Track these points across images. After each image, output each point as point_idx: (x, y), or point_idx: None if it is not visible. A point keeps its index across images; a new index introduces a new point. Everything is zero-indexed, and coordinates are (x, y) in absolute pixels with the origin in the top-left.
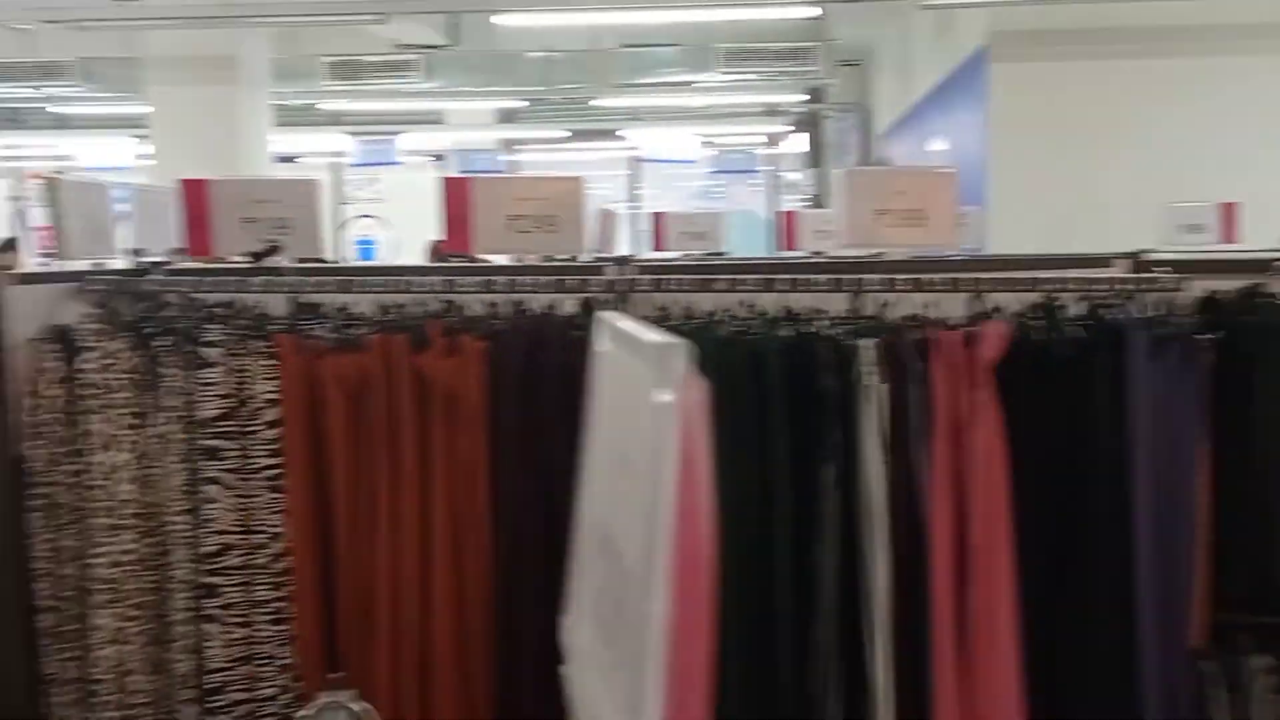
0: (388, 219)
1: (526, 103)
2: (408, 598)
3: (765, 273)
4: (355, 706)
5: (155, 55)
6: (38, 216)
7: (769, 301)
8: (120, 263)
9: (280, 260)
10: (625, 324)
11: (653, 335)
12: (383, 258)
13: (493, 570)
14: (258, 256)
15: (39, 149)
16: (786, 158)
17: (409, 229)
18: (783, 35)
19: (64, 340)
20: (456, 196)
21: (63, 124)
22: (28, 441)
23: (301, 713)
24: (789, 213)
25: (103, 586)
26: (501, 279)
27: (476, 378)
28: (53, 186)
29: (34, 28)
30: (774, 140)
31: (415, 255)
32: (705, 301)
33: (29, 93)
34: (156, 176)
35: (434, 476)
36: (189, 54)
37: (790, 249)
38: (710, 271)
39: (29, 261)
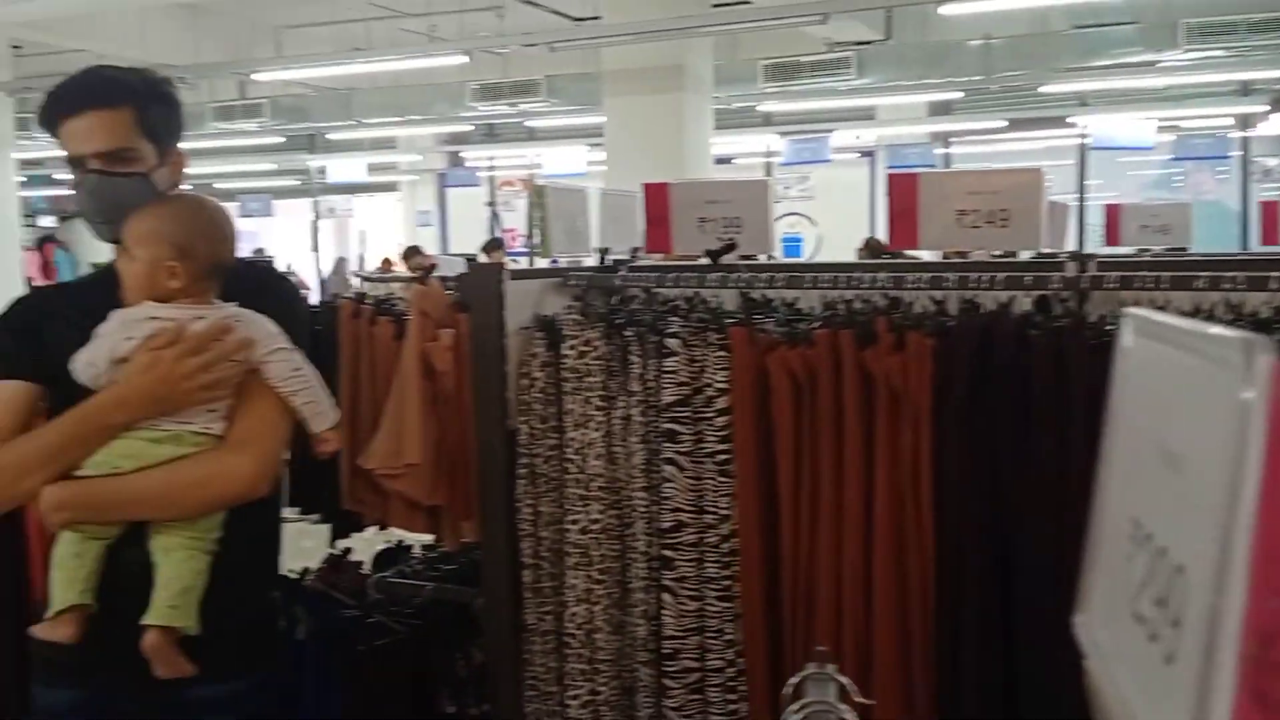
0: (814, 217)
1: (962, 94)
2: (849, 586)
3: (1255, 269)
4: (841, 679)
5: (610, 69)
6: (508, 220)
7: (1257, 301)
8: (592, 259)
9: (732, 257)
10: (1168, 319)
11: (1218, 330)
12: (808, 255)
13: (935, 565)
14: (714, 255)
15: (508, 159)
16: (1263, 141)
17: (836, 226)
18: (1261, 5)
19: (548, 329)
20: (903, 192)
21: (530, 136)
22: (518, 416)
23: (791, 680)
24: (1270, 203)
25: (574, 550)
26: (952, 276)
27: (923, 374)
28: (540, 192)
29: (509, 51)
30: (1247, 122)
31: (839, 252)
32: (1180, 301)
33: (504, 109)
34: (609, 180)
35: (876, 470)
36: (640, 66)
37: (1272, 243)
38: (1183, 268)
39: (504, 259)
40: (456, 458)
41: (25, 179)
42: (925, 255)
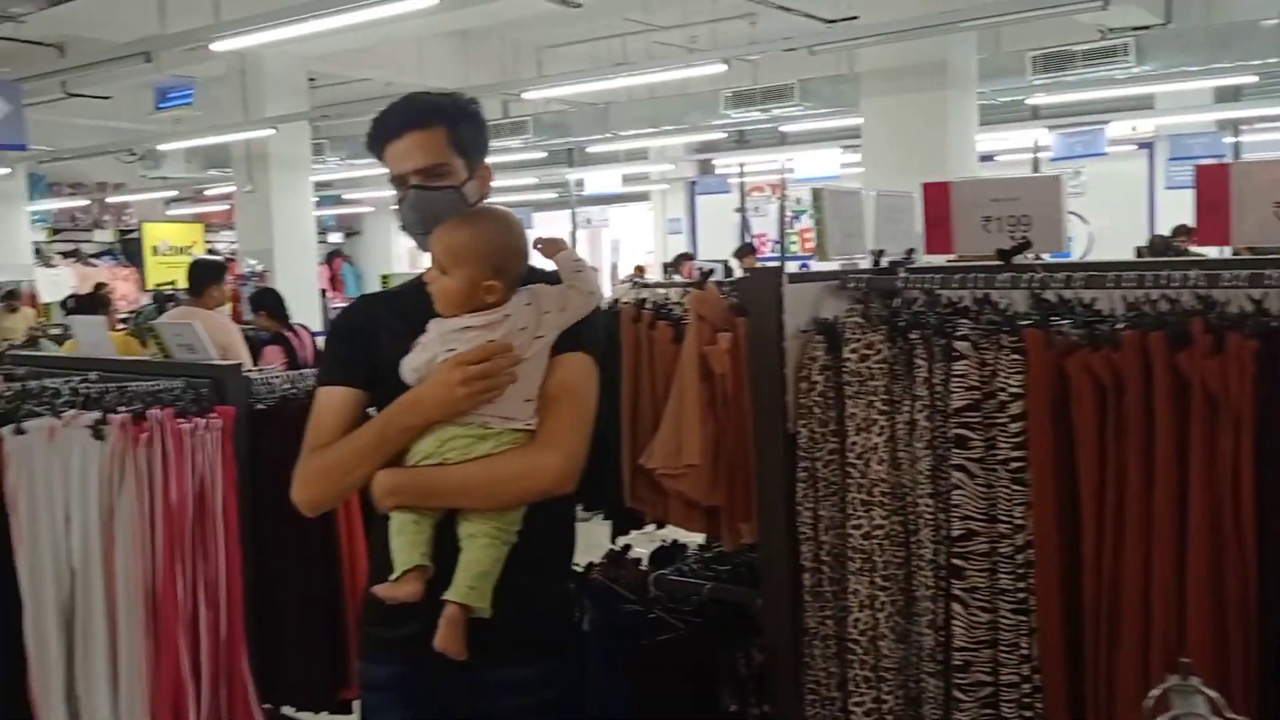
0: (1086, 214)
1: (1255, 78)
2: (1159, 601)
3: None
4: (1209, 692)
5: (867, 70)
6: (757, 225)
7: None
8: (867, 262)
9: (1022, 257)
10: None
11: None
12: (1079, 254)
13: (1258, 580)
14: (1006, 254)
15: (758, 164)
16: None
17: (1109, 223)
18: None
19: (827, 332)
20: (1212, 184)
21: (781, 140)
22: (797, 420)
23: (1153, 691)
24: None
25: (856, 555)
26: (1275, 273)
27: (1245, 378)
28: (817, 196)
29: (758, 58)
30: None
31: (1114, 250)
32: None
33: (757, 115)
34: (866, 182)
35: (1190, 479)
36: (900, 64)
37: None
38: None
39: (755, 264)
40: (735, 460)
41: (317, 199)
42: (1211, 254)
